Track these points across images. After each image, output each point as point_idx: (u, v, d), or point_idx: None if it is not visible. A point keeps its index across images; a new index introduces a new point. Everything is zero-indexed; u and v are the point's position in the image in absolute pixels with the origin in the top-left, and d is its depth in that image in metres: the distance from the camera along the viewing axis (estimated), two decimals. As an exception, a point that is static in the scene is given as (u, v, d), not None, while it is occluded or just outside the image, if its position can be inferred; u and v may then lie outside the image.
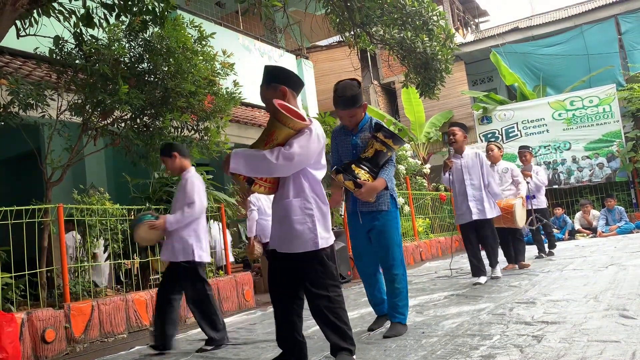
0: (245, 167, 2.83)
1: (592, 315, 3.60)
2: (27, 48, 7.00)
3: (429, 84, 7.92)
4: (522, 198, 7.06)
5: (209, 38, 6.13)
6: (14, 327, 4.20)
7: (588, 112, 14.60)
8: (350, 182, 3.65)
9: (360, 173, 3.67)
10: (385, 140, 3.69)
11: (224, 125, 6.55)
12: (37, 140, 7.94)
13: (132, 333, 5.45)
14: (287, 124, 2.78)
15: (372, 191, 3.69)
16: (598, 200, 13.89)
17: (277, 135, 2.81)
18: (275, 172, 2.84)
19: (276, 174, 2.90)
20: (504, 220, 6.72)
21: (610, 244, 9.27)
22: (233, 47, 8.63)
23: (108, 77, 5.34)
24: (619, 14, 16.15)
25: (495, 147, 7.33)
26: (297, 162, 2.80)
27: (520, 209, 6.92)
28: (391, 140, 3.69)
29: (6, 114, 5.31)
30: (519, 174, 7.28)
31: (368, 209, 3.88)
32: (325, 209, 2.98)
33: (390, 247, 3.84)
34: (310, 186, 2.94)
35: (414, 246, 10.75)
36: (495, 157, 7.23)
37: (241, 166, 2.82)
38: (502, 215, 6.60)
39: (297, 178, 2.93)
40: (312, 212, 2.91)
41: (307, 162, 2.88)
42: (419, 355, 3.12)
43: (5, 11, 4.41)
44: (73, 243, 6.13)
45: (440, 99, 9.45)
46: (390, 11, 7.47)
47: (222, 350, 4.09)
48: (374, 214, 3.86)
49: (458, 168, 6.14)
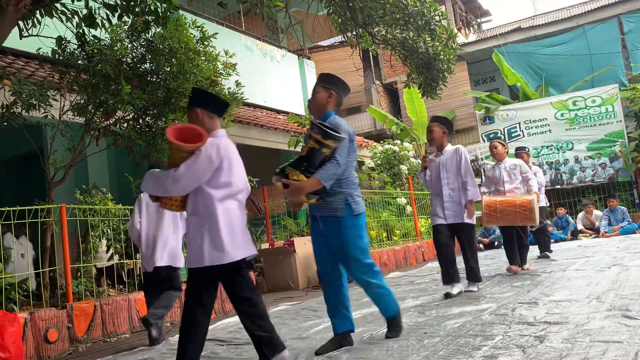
0: (152, 187, 3.18)
1: (594, 316, 3.59)
2: (29, 48, 7.02)
3: (431, 84, 7.92)
4: (537, 193, 6.74)
5: (211, 38, 6.14)
6: (16, 327, 4.21)
7: (591, 112, 14.56)
8: (280, 183, 3.46)
9: (292, 173, 3.42)
10: (316, 136, 3.39)
11: (226, 126, 6.55)
12: (39, 140, 7.94)
13: (135, 333, 5.46)
14: (177, 149, 3.09)
15: (298, 191, 3.39)
16: (600, 201, 13.86)
17: (174, 158, 3.13)
18: (168, 192, 3.13)
19: (171, 194, 3.17)
20: (521, 218, 6.39)
21: (613, 244, 9.24)
22: (235, 48, 8.63)
23: (110, 77, 5.35)
24: (621, 13, 16.13)
25: (499, 144, 7.06)
26: (185, 182, 3.07)
27: (537, 205, 6.56)
28: (321, 136, 3.36)
29: (9, 115, 5.32)
30: (528, 170, 6.95)
31: (322, 214, 3.60)
32: (220, 227, 3.07)
33: (350, 256, 3.54)
34: (205, 204, 3.11)
35: (416, 247, 10.74)
36: (499, 154, 6.90)
37: (149, 186, 3.18)
38: (520, 213, 6.33)
39: (194, 196, 3.15)
40: (202, 230, 3.08)
41: (196, 182, 3.09)
42: (421, 355, 3.12)
43: (8, 12, 4.43)
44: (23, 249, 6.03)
45: (443, 99, 9.46)
46: (393, 11, 7.48)
47: (225, 350, 4.09)
48: (330, 219, 3.56)
49: (436, 166, 5.59)
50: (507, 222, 6.53)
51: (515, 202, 6.40)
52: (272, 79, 13.28)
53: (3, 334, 4.03)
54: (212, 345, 4.32)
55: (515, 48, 16.96)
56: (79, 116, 5.74)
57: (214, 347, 4.23)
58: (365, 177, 12.15)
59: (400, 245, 10.35)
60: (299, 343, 3.95)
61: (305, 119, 9.45)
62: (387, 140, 14.75)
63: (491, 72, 18.83)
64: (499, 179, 6.80)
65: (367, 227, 9.75)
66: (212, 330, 5.14)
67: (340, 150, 3.45)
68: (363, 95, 18.93)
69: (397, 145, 13.83)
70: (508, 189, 6.70)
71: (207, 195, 3.10)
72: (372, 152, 14.08)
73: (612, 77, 15.41)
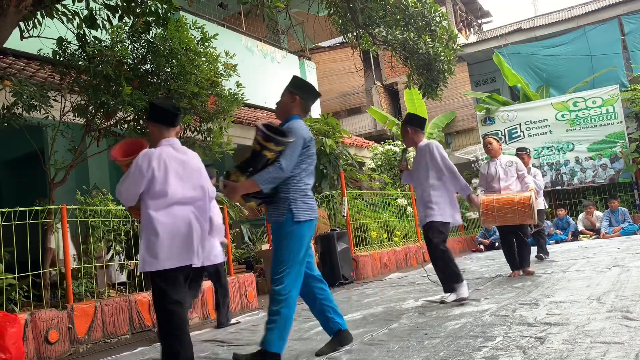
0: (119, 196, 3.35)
1: (595, 317, 3.59)
2: (30, 49, 7.03)
3: (431, 84, 7.92)
4: (534, 191, 6.42)
5: (212, 39, 6.15)
6: (17, 327, 4.21)
7: (591, 113, 14.56)
8: (221, 183, 3.46)
9: (234, 175, 3.37)
10: (257, 138, 3.32)
11: (227, 127, 6.56)
12: (40, 141, 7.95)
13: (135, 334, 5.46)
14: (118, 164, 3.37)
15: (232, 192, 3.33)
16: (601, 202, 13.85)
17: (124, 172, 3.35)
18: (122, 202, 3.38)
19: (124, 204, 3.40)
20: (520, 216, 6.13)
21: (614, 245, 9.24)
22: (236, 49, 8.63)
23: (111, 78, 5.35)
24: (622, 14, 16.13)
25: (494, 140, 6.74)
26: (124, 193, 3.29)
27: (535, 202, 6.30)
28: (261, 138, 3.28)
29: (10, 115, 5.32)
30: (524, 168, 6.68)
31: (270, 219, 3.54)
32: (154, 235, 3.18)
33: (275, 263, 3.41)
34: (144, 213, 3.24)
35: (416, 247, 10.74)
36: (494, 150, 6.60)
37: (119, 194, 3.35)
38: (519, 210, 6.08)
39: (141, 205, 3.30)
40: (142, 237, 3.24)
41: (133, 193, 3.26)
42: (422, 356, 3.11)
43: (9, 13, 4.43)
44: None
45: (443, 100, 9.46)
46: (393, 12, 7.48)
47: (225, 351, 4.09)
48: (274, 224, 3.48)
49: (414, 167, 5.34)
50: (506, 221, 6.26)
51: (513, 199, 6.14)
52: (272, 79, 13.29)
53: (4, 335, 4.03)
54: (212, 346, 4.33)
55: (515, 49, 16.96)
56: (80, 117, 5.74)
57: (214, 348, 4.23)
58: (366, 178, 12.16)
59: (400, 246, 10.36)
60: (300, 344, 3.95)
61: (306, 119, 9.45)
62: (388, 141, 14.76)
63: (492, 73, 18.83)
64: (494, 176, 6.51)
65: (368, 227, 9.83)
66: (212, 331, 5.15)
67: (288, 154, 3.33)
68: (364, 96, 18.94)
69: (397, 146, 13.84)
70: (503, 187, 6.43)
71: (145, 204, 3.25)
72: (372, 153, 14.08)
73: (612, 78, 15.41)
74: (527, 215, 6.13)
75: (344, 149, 10.93)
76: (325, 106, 16.66)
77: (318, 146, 9.43)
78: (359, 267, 8.66)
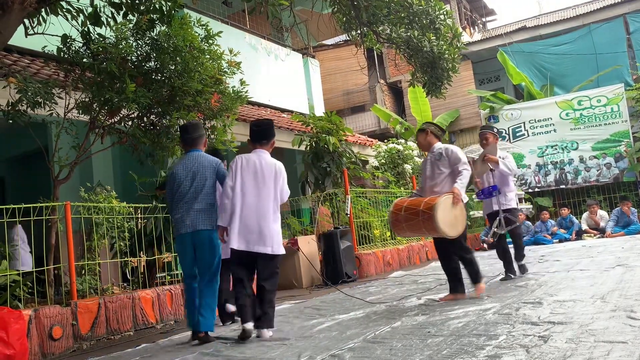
0: None
1: (599, 316, 3.58)
2: (35, 46, 7.03)
3: (435, 83, 7.91)
4: (456, 191, 4.90)
5: (216, 37, 6.15)
6: (21, 324, 4.23)
7: (596, 111, 14.50)
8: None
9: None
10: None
11: (231, 124, 6.56)
12: (44, 138, 7.97)
13: (139, 330, 5.48)
14: None
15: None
16: (605, 201, 13.81)
17: None
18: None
19: None
20: (425, 226, 4.85)
21: (618, 244, 9.22)
22: (240, 46, 8.64)
23: (115, 75, 5.36)
24: (627, 13, 16.04)
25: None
26: None
27: (449, 208, 4.83)
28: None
29: (14, 112, 5.34)
30: (460, 159, 5.05)
31: None
32: None
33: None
34: None
35: (419, 246, 10.74)
36: (423, 145, 5.49)
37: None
38: (422, 221, 4.85)
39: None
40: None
41: None
42: (425, 354, 3.11)
43: (14, 10, 4.44)
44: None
45: (447, 98, 9.43)
46: (397, 10, 7.46)
47: (228, 348, 4.10)
48: None
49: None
50: (415, 232, 5.26)
51: (420, 203, 4.89)
52: (276, 77, 13.28)
53: (8, 331, 4.05)
54: (215, 343, 4.33)
55: (520, 47, 16.90)
56: (84, 114, 5.75)
57: (217, 345, 4.24)
58: (369, 176, 12.14)
59: (404, 244, 10.35)
60: (303, 341, 3.95)
61: (310, 117, 9.45)
62: (391, 139, 14.73)
63: (496, 71, 18.77)
64: (423, 174, 5.37)
65: (372, 226, 9.83)
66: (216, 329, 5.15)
67: None
68: (367, 94, 18.91)
69: (401, 144, 13.82)
70: (428, 187, 5.21)
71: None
72: (376, 151, 14.07)
73: (617, 76, 15.34)
74: (430, 227, 4.78)
75: (347, 147, 10.90)
76: (328, 104, 16.64)
77: (322, 144, 9.42)
78: (362, 265, 8.65)
